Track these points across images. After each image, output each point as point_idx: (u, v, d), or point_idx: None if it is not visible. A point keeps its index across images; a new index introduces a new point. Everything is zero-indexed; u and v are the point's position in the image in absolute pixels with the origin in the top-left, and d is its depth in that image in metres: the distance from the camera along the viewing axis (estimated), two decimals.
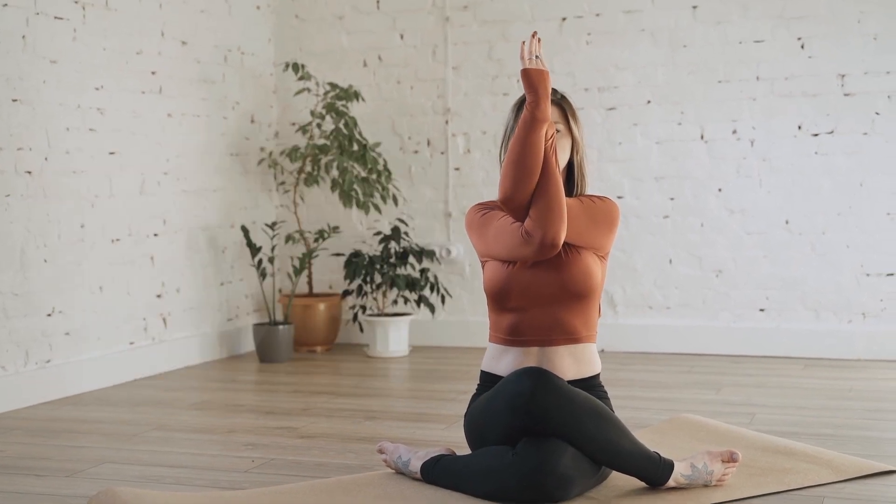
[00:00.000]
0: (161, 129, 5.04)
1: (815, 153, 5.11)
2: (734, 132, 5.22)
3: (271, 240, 5.54)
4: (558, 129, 2.92)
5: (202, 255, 5.33)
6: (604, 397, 2.92)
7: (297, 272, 5.41)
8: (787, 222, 5.16)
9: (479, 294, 5.60)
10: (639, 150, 5.37)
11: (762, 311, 5.22)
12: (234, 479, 3.08)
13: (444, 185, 5.71)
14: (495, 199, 2.94)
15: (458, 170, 5.68)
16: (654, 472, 2.79)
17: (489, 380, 2.96)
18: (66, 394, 4.40)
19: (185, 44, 5.19)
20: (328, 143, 5.46)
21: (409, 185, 5.75)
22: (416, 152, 5.74)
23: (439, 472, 2.88)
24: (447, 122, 5.68)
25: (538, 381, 2.68)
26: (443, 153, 5.69)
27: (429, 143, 5.73)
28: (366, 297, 5.54)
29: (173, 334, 5.11)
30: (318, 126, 5.54)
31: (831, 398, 4.14)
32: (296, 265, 5.56)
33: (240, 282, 5.62)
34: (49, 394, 4.32)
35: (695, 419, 3.60)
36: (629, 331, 5.40)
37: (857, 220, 5.06)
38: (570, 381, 2.86)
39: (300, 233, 5.55)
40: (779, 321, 5.20)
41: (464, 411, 3.26)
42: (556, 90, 2.94)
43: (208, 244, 5.36)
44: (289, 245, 5.82)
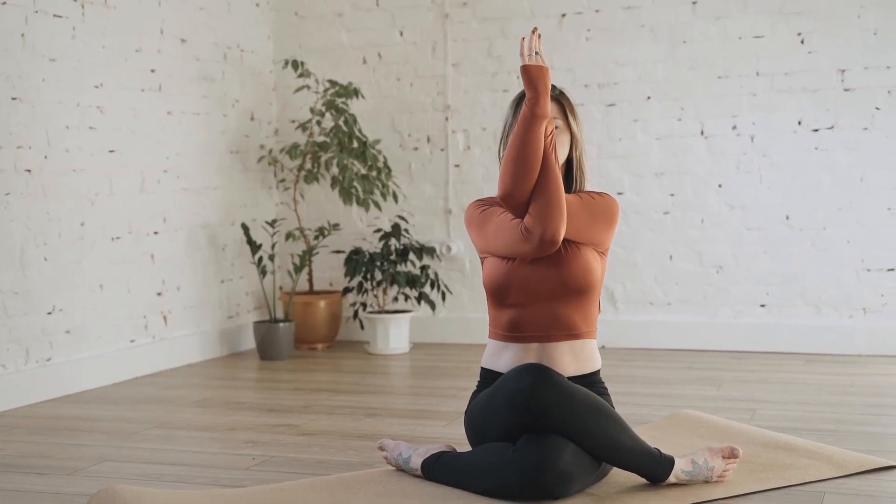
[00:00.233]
0: (161, 128, 5.03)
1: (816, 148, 5.11)
2: (734, 128, 5.21)
3: (271, 237, 5.54)
4: (557, 125, 2.92)
5: (202, 252, 5.33)
6: (604, 393, 2.92)
7: (297, 269, 5.41)
8: (788, 218, 5.16)
9: (480, 291, 5.59)
10: (639, 147, 5.37)
11: (763, 306, 5.22)
12: (235, 476, 3.08)
13: (444, 181, 5.70)
14: (495, 196, 2.94)
15: (458, 166, 5.67)
16: (654, 469, 2.78)
17: (489, 376, 2.95)
18: (67, 392, 4.41)
19: (184, 41, 5.19)
20: (328, 140, 5.45)
21: (409, 181, 5.75)
22: (415, 149, 5.74)
23: (440, 468, 2.88)
24: (447, 118, 5.67)
25: (538, 377, 2.68)
26: (443, 150, 5.69)
27: (429, 140, 5.72)
28: (366, 295, 5.53)
29: (174, 332, 5.11)
30: (318, 123, 5.54)
31: (832, 394, 4.14)
32: (296, 262, 5.56)
33: (240, 279, 5.62)
34: (50, 392, 4.32)
35: (695, 415, 3.60)
36: (630, 327, 5.40)
37: (858, 215, 5.06)
38: (570, 378, 2.86)
39: (300, 230, 5.55)
40: (779, 317, 5.19)
41: (464, 408, 3.27)
42: (554, 86, 2.94)
43: (208, 242, 5.36)
44: (289, 242, 5.81)
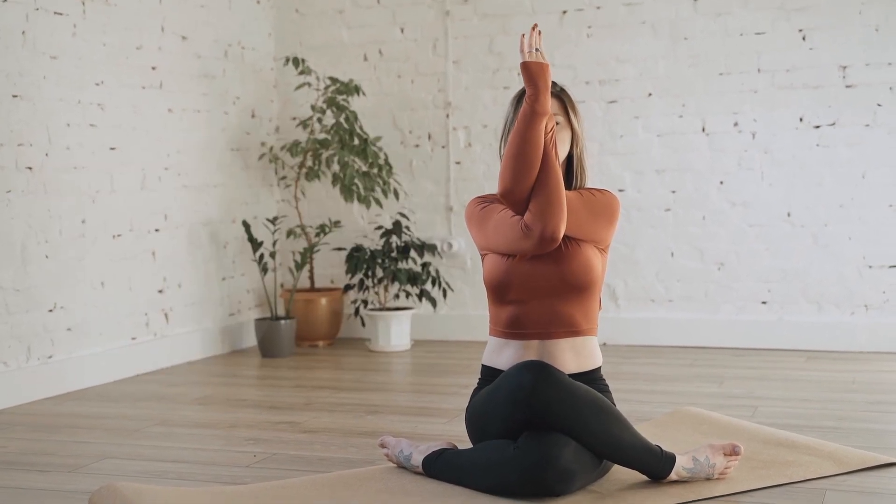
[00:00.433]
0: (162, 125, 5.03)
1: (817, 145, 5.10)
2: (735, 124, 5.21)
3: (272, 235, 5.54)
4: (558, 122, 2.91)
5: (203, 250, 5.32)
6: (605, 390, 2.92)
7: (298, 267, 5.41)
8: (789, 214, 5.15)
9: (481, 288, 5.59)
10: (640, 143, 5.37)
11: (764, 303, 5.21)
12: (236, 473, 3.07)
13: (445, 178, 5.70)
14: (495, 193, 2.94)
15: (458, 164, 5.67)
16: (655, 466, 2.78)
17: (490, 374, 2.95)
18: (68, 389, 4.41)
19: (185, 39, 5.18)
20: (329, 137, 5.45)
21: (410, 179, 5.75)
22: (416, 146, 5.74)
23: (441, 466, 2.88)
24: (448, 115, 5.67)
25: (539, 374, 2.68)
26: (444, 147, 5.69)
27: (429, 137, 5.72)
28: (367, 292, 5.53)
29: (175, 329, 5.11)
30: (319, 120, 5.54)
31: (834, 391, 4.13)
32: (297, 260, 5.56)
33: (241, 277, 5.62)
34: (51, 389, 4.32)
35: (697, 412, 3.60)
36: (631, 324, 5.39)
37: (859, 212, 5.05)
38: (570, 375, 2.85)
39: (301, 227, 5.55)
40: (781, 314, 5.19)
41: (465, 405, 3.26)
42: (555, 83, 2.93)
43: (210, 239, 5.36)
44: (290, 240, 5.81)
